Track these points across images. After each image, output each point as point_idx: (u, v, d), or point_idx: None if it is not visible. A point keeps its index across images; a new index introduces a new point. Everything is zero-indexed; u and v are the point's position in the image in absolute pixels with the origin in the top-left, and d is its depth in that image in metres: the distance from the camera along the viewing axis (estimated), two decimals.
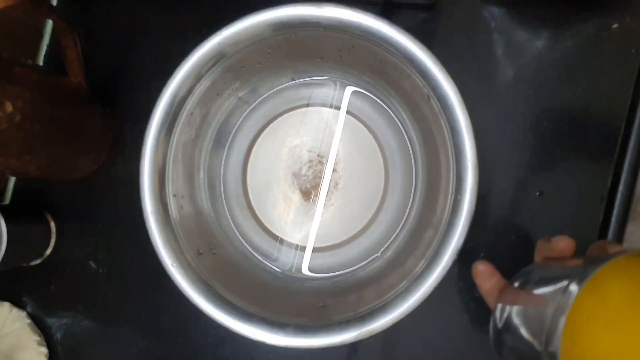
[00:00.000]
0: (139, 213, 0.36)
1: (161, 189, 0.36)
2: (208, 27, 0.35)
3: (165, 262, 0.35)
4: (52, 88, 0.40)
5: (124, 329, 0.46)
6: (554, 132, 0.41)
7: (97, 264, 0.46)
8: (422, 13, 0.43)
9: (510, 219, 0.41)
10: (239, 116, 0.44)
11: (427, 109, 0.36)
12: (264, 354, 0.43)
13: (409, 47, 0.33)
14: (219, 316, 0.34)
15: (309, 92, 0.44)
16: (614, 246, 0.27)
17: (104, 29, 0.49)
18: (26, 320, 0.46)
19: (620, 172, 0.40)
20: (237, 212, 0.44)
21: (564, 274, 0.24)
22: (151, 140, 0.36)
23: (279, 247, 0.43)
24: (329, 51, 0.39)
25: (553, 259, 0.28)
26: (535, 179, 0.41)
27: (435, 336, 0.42)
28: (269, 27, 0.35)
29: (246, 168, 0.44)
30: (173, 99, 0.36)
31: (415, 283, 0.32)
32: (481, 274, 0.31)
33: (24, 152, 0.38)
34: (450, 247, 0.32)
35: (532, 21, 0.42)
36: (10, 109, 0.35)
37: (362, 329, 0.32)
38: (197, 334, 0.44)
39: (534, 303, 0.25)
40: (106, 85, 0.48)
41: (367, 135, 0.43)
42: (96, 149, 0.46)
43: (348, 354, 0.42)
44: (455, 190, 0.33)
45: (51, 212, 0.47)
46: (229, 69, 0.38)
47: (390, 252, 0.41)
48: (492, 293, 0.31)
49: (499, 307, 0.28)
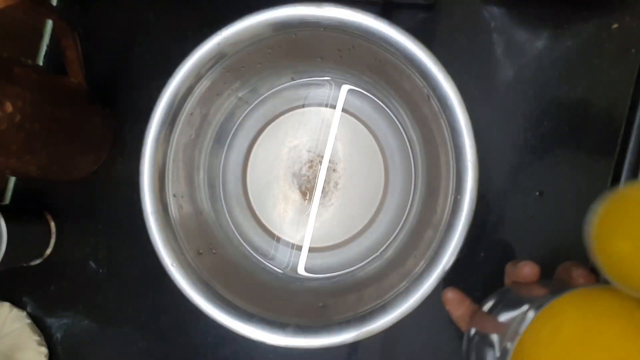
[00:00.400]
0: (139, 213, 0.36)
1: (161, 189, 0.36)
2: (208, 27, 0.35)
3: (165, 262, 0.35)
4: (52, 88, 0.40)
5: (124, 329, 0.46)
6: (554, 132, 0.41)
7: (97, 264, 0.46)
8: (422, 13, 0.43)
9: (510, 219, 0.41)
10: (239, 116, 0.44)
11: (427, 109, 0.36)
12: (264, 354, 0.43)
13: (409, 47, 0.33)
14: (219, 316, 0.34)
15: (306, 92, 0.44)
16: (577, 268, 0.28)
17: (104, 29, 0.49)
18: (26, 320, 0.46)
19: (620, 172, 0.40)
20: (236, 212, 0.44)
21: (527, 300, 0.24)
22: (151, 140, 0.36)
23: (276, 245, 0.43)
24: (329, 51, 0.39)
25: (521, 284, 0.28)
26: (535, 179, 0.41)
27: (435, 336, 0.42)
28: (269, 27, 0.35)
29: (246, 168, 0.44)
30: (173, 99, 0.36)
31: (415, 283, 0.32)
32: (451, 302, 0.32)
33: (24, 152, 0.38)
34: (450, 247, 0.32)
35: (532, 21, 0.42)
36: (10, 109, 0.35)
37: (362, 329, 0.32)
38: (197, 334, 0.44)
39: (497, 330, 0.25)
40: (106, 85, 0.48)
41: (367, 135, 0.43)
42: (96, 149, 0.46)
43: (348, 354, 0.42)
44: (455, 190, 0.33)
45: (51, 212, 0.47)
46: (228, 69, 0.38)
47: (390, 252, 0.41)
48: (464, 319, 0.31)
49: (469, 332, 0.28)
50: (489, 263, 0.41)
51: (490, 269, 0.41)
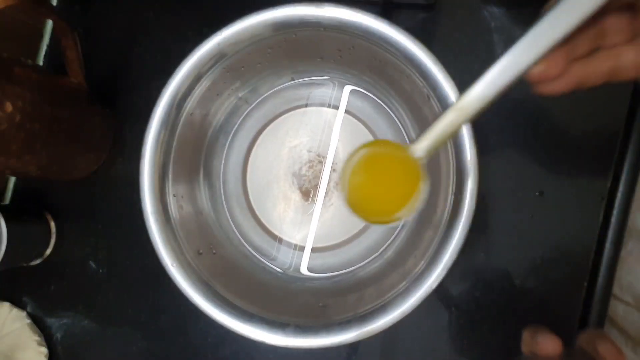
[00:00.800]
0: (139, 213, 0.36)
1: (161, 189, 0.36)
2: (208, 27, 0.35)
3: (165, 262, 0.35)
4: (52, 88, 0.40)
5: (124, 329, 0.46)
6: (554, 132, 0.41)
7: (97, 264, 0.46)
8: (422, 13, 0.43)
9: (510, 219, 0.41)
10: (239, 116, 0.44)
11: (427, 109, 0.36)
12: (264, 354, 0.43)
13: (409, 47, 0.33)
14: (219, 316, 0.34)
15: (308, 92, 0.44)
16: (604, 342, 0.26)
17: (104, 29, 0.49)
18: (26, 320, 0.46)
19: (620, 172, 0.40)
20: (237, 212, 0.44)
21: None
22: (151, 140, 0.36)
23: (278, 246, 0.43)
24: (329, 51, 0.39)
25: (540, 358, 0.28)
26: (535, 179, 0.41)
27: (435, 336, 0.42)
28: (269, 27, 0.35)
29: (246, 168, 0.44)
30: (173, 99, 0.36)
31: (415, 283, 0.32)
32: None
33: (24, 152, 0.38)
34: (450, 247, 0.32)
35: (532, 21, 0.42)
36: (10, 109, 0.35)
37: (362, 329, 0.32)
38: (197, 334, 0.44)
39: None
40: (106, 85, 0.48)
41: (367, 135, 0.43)
42: (96, 149, 0.46)
43: (348, 354, 0.42)
44: (455, 190, 0.33)
45: (51, 212, 0.47)
46: (229, 69, 0.38)
47: (390, 252, 0.41)
48: None
49: None
50: (489, 263, 0.41)
51: (490, 269, 0.41)
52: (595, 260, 0.40)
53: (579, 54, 0.23)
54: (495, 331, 0.41)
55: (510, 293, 0.41)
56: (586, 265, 0.40)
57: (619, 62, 0.23)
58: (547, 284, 0.41)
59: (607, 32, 0.23)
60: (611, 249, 0.40)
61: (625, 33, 0.23)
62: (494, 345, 0.41)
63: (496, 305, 0.41)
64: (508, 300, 0.41)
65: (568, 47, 0.23)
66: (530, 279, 0.41)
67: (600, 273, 0.40)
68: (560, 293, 0.41)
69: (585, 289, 0.40)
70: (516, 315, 0.41)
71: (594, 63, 0.23)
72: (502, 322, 0.41)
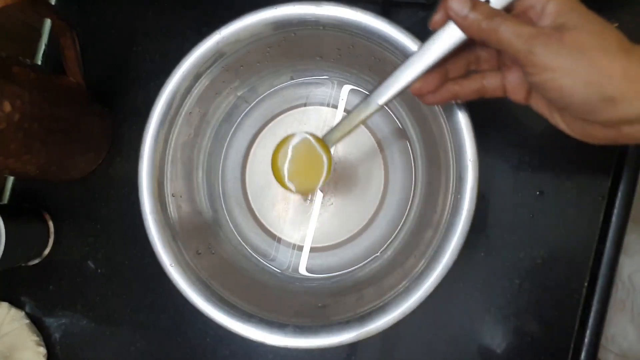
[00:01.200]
0: (137, 213, 0.36)
1: (160, 188, 0.36)
2: (207, 26, 0.35)
3: (164, 262, 0.35)
4: (51, 87, 0.40)
5: (122, 329, 0.46)
6: (554, 132, 0.41)
7: (95, 263, 0.46)
8: (422, 12, 0.43)
9: (510, 219, 0.41)
10: (238, 115, 0.44)
11: (427, 109, 0.36)
12: (263, 354, 0.43)
13: (409, 46, 0.33)
14: (217, 316, 0.34)
15: (307, 92, 0.43)
16: None
17: (102, 28, 0.49)
18: (24, 320, 0.46)
19: (621, 172, 0.40)
20: (236, 212, 0.44)
21: None
22: (150, 139, 0.36)
23: (277, 246, 0.43)
24: (328, 50, 0.38)
25: None
26: (535, 179, 0.41)
27: (435, 336, 0.42)
28: (268, 26, 0.35)
29: (245, 168, 0.44)
30: (172, 98, 0.36)
31: (415, 283, 0.32)
32: None
33: (23, 152, 0.38)
34: (450, 247, 0.32)
35: None
36: (9, 108, 0.35)
37: (362, 329, 0.32)
38: (196, 334, 0.44)
39: None
40: (105, 85, 0.47)
41: (367, 135, 0.42)
42: (95, 148, 0.46)
43: (348, 354, 0.42)
44: (455, 190, 0.33)
45: (50, 211, 0.47)
46: (227, 68, 0.38)
47: (390, 252, 0.41)
48: None
49: None
50: (489, 263, 0.41)
51: (490, 268, 0.41)
52: (595, 260, 0.40)
53: (454, 75, 0.29)
54: (495, 331, 0.41)
55: (510, 293, 0.41)
56: (586, 265, 0.40)
57: (485, 83, 0.29)
58: (547, 284, 0.40)
59: (480, 60, 0.29)
60: (611, 249, 0.40)
61: (492, 62, 0.29)
62: (494, 345, 0.41)
63: (496, 305, 0.41)
64: (508, 300, 0.41)
65: (442, 70, 0.28)
66: (530, 279, 0.41)
67: (600, 273, 0.40)
68: (560, 293, 0.40)
69: (586, 288, 0.40)
70: (516, 315, 0.41)
71: (465, 83, 0.29)
72: (502, 322, 0.41)
